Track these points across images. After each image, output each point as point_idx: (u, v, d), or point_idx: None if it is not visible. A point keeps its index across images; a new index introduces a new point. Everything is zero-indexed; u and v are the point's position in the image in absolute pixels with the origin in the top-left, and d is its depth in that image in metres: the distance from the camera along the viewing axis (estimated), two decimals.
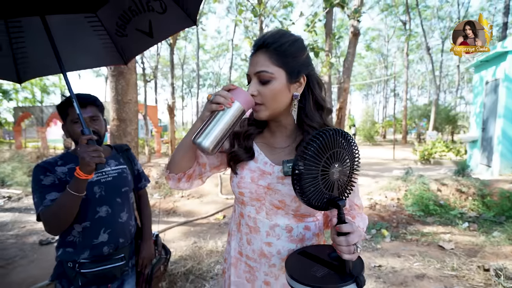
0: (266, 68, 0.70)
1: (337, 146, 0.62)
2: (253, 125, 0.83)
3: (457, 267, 2.54)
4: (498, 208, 4.09)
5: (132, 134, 2.06)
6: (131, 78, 2.05)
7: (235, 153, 0.81)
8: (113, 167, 1.23)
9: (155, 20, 1.18)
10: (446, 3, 21.69)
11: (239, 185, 0.80)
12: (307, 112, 0.75)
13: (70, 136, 1.17)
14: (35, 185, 1.07)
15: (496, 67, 5.68)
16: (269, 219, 0.79)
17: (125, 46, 1.33)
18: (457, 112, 18.27)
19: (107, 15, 1.22)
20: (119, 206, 1.20)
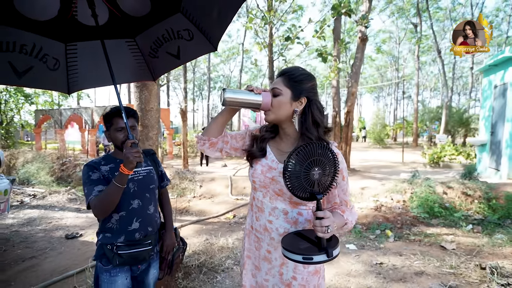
0: (278, 86, 1.01)
1: (316, 155, 0.86)
2: (267, 131, 1.11)
3: (455, 265, 2.66)
4: (504, 211, 4.14)
5: (153, 138, 2.31)
6: (153, 89, 2.31)
7: (252, 151, 1.09)
8: (143, 168, 1.47)
9: (183, 46, 1.44)
10: (458, 4, 21.33)
11: (253, 175, 1.07)
12: (307, 126, 1.01)
13: (112, 141, 1.41)
14: (86, 179, 1.32)
15: (504, 71, 5.70)
16: (271, 203, 1.03)
17: (155, 65, 1.59)
18: (471, 114, 17.90)
19: (144, 40, 1.48)
20: (147, 200, 1.44)
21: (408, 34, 23.73)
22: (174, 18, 1.39)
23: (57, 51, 1.40)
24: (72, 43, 1.42)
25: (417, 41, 16.56)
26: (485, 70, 6.63)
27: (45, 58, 1.36)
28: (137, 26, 1.46)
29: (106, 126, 1.41)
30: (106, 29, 1.40)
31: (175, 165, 10.33)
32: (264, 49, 8.08)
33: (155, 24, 1.44)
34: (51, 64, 1.39)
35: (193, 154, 14.45)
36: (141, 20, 1.42)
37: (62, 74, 1.46)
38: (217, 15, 1.33)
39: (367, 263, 2.83)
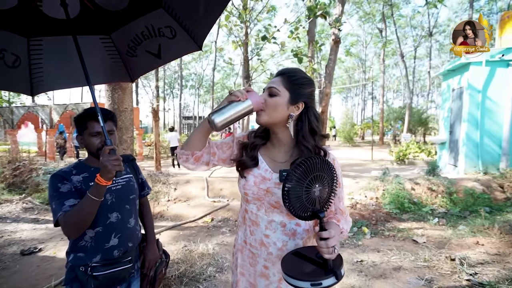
0: (276, 86, 0.92)
1: (317, 171, 0.79)
2: (258, 137, 1.01)
3: (428, 258, 2.83)
4: (463, 204, 4.53)
5: (128, 141, 2.12)
6: (128, 87, 2.12)
7: (243, 161, 0.99)
8: (122, 176, 1.32)
9: (165, 44, 1.31)
10: (418, 13, 23.03)
11: (245, 187, 0.98)
12: (303, 134, 0.93)
13: (86, 147, 1.25)
14: (54, 192, 1.14)
15: (461, 76, 6.24)
16: (267, 216, 0.96)
17: (133, 65, 1.44)
18: (429, 115, 19.47)
19: (121, 37, 1.33)
20: (127, 213, 1.29)
21: (374, 38, 25.11)
22: (154, 14, 1.26)
23: (17, 46, 1.21)
24: (36, 38, 1.23)
25: (383, 45, 17.57)
26: (444, 75, 7.20)
27: (2, 54, 1.17)
28: (113, 21, 1.30)
29: (79, 130, 1.25)
30: (77, 24, 1.22)
31: (147, 167, 9.84)
32: (240, 47, 7.99)
33: (133, 20, 1.29)
34: (9, 61, 1.20)
35: (165, 155, 13.90)
36: (118, 15, 1.27)
37: (23, 73, 1.26)
38: (202, 12, 1.22)
39: (348, 261, 2.89)
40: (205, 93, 36.35)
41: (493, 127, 5.70)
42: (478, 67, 5.65)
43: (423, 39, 24.41)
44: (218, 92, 33.78)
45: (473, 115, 5.80)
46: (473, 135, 5.83)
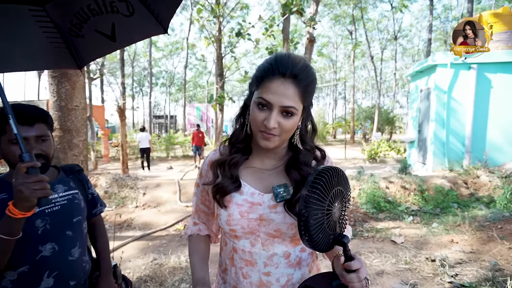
0: (294, 104, 0.68)
1: (336, 184, 0.64)
2: (238, 151, 0.79)
3: (409, 260, 2.79)
4: (434, 201, 4.69)
5: (80, 146, 1.76)
6: (78, 80, 1.75)
7: (220, 185, 0.76)
8: (62, 193, 1.01)
9: (120, 23, 1.02)
10: (384, 17, 24.23)
11: (229, 223, 0.76)
12: (303, 137, 0.77)
13: (4, 158, 0.93)
14: None
15: (428, 78, 6.51)
16: (266, 250, 0.76)
17: (80, 48, 1.12)
18: (395, 114, 20.58)
19: (59, 11, 1.01)
20: (69, 241, 1.00)
21: (344, 40, 25.97)
22: None
23: None
24: None
25: (353, 46, 18.17)
26: (413, 76, 7.51)
27: None
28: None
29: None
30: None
31: (112, 169, 9.10)
32: (213, 44, 7.66)
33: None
34: None
35: (134, 156, 13.06)
36: None
37: None
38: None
39: (330, 267, 2.77)
40: (177, 92, 35.10)
41: (457, 126, 6.01)
42: (444, 69, 5.92)
43: (389, 42, 25.77)
44: (190, 90, 32.83)
45: (440, 115, 6.07)
46: (440, 134, 6.11)
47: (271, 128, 0.68)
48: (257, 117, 0.69)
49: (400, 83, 33.76)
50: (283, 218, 0.73)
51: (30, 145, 0.92)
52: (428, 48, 16.87)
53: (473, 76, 5.77)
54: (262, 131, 0.70)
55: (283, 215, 0.73)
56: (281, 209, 0.73)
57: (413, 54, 32.38)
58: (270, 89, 0.68)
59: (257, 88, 0.71)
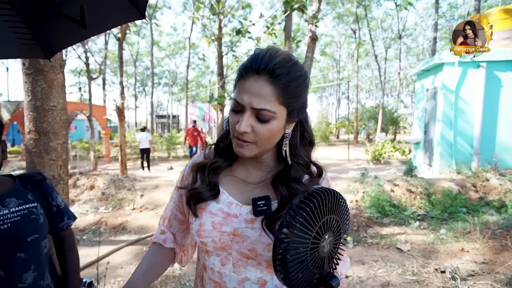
0: (270, 106, 0.57)
1: (330, 212, 0.52)
2: (222, 156, 0.70)
3: (416, 271, 2.62)
4: (442, 206, 4.48)
5: (59, 150, 1.61)
6: (56, 78, 1.61)
7: (196, 190, 0.67)
8: (14, 208, 0.87)
9: (90, 6, 0.88)
10: (388, 16, 23.92)
11: (199, 234, 0.65)
12: (295, 149, 0.67)
13: None
14: None
15: (434, 77, 6.30)
16: (237, 273, 0.65)
17: (47, 34, 0.99)
18: (399, 114, 20.27)
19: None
20: (20, 265, 0.86)
21: (347, 39, 25.68)
22: None
23: None
24: None
25: (357, 45, 17.92)
26: (418, 75, 7.29)
27: None
28: None
29: None
30: None
31: (113, 169, 9.01)
32: (213, 43, 7.51)
33: None
34: None
35: (135, 155, 12.97)
36: None
37: None
38: None
39: None
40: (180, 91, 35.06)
41: (465, 126, 5.79)
42: (451, 67, 5.71)
43: (393, 41, 25.42)
44: (193, 90, 32.77)
45: (447, 115, 5.86)
46: (447, 135, 5.89)
47: (241, 132, 0.58)
48: (232, 122, 0.62)
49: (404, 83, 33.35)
50: (259, 236, 0.62)
51: None
52: (433, 47, 16.57)
53: (482, 75, 5.55)
54: (236, 137, 0.61)
55: (260, 232, 0.62)
56: (259, 225, 0.62)
57: (418, 53, 31.97)
58: (243, 87, 0.58)
59: (234, 89, 0.63)
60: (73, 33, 1.01)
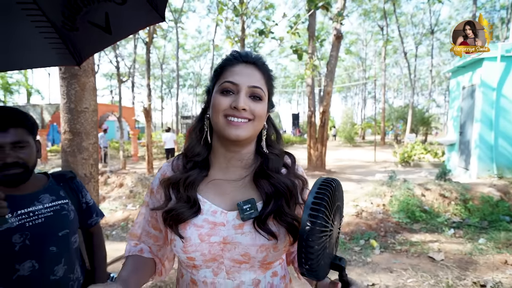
0: (261, 85, 0.65)
1: (337, 200, 0.57)
2: (194, 167, 0.67)
3: (452, 283, 2.42)
4: (480, 213, 4.12)
5: (90, 149, 1.71)
6: (88, 81, 1.71)
7: (175, 211, 0.62)
8: (48, 203, 0.92)
9: (113, 12, 0.92)
10: (419, 10, 22.69)
11: (185, 250, 0.62)
12: (269, 140, 0.72)
13: None
14: None
15: (472, 73, 5.84)
16: (232, 279, 0.65)
17: (76, 42, 1.04)
18: (431, 114, 19.11)
19: (49, 3, 0.92)
20: (52, 258, 0.90)
21: (374, 36, 24.72)
22: None
23: None
24: None
25: (384, 42, 17.19)
26: (453, 72, 6.80)
27: None
28: None
29: None
30: None
31: (140, 168, 9.42)
32: (236, 44, 7.58)
33: None
34: None
35: (161, 155, 13.47)
36: None
37: None
38: None
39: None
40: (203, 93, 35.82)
41: (508, 127, 5.30)
42: (493, 62, 5.24)
43: (424, 37, 24.02)
44: None
45: (487, 115, 5.39)
46: (486, 136, 5.43)
47: (241, 108, 0.60)
48: (223, 102, 0.62)
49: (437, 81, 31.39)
50: (251, 240, 0.63)
51: (4, 153, 0.82)
52: None
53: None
54: (230, 119, 0.61)
55: (251, 236, 0.62)
56: (249, 229, 0.63)
57: None
58: (233, 71, 0.63)
59: (218, 79, 0.66)
60: (99, 40, 1.06)
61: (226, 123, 0.62)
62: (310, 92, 8.21)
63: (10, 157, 0.82)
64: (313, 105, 8.03)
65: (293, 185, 0.67)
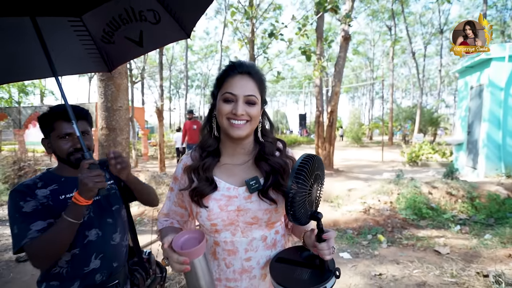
0: (254, 93, 0.82)
1: (316, 170, 0.75)
2: (208, 155, 0.87)
3: (456, 273, 2.54)
4: (487, 211, 4.19)
5: (123, 144, 1.90)
6: (122, 83, 1.91)
7: (199, 188, 0.83)
8: None
9: (147, 30, 1.13)
10: (428, 10, 22.48)
11: (210, 218, 0.83)
12: (264, 130, 0.90)
13: (54, 153, 1.05)
14: (15, 213, 0.93)
15: (480, 73, 5.88)
16: (246, 236, 0.85)
17: (111, 53, 1.24)
18: (440, 114, 18.92)
19: (94, 21, 1.13)
20: (110, 227, 1.10)
21: (382, 36, 24.57)
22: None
23: None
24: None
25: (392, 42, 17.14)
26: (461, 72, 6.84)
27: None
28: (85, 1, 1.10)
29: (44, 132, 1.05)
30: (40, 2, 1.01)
31: (151, 167, 9.69)
32: (246, 45, 7.77)
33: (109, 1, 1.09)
34: None
35: (170, 155, 13.77)
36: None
37: None
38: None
39: (366, 275, 2.63)
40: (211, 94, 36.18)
41: None
42: (501, 63, 5.29)
43: (433, 37, 23.77)
44: None
45: (495, 114, 5.44)
46: (494, 136, 5.47)
47: (239, 114, 0.78)
48: (225, 109, 0.80)
49: (446, 81, 30.93)
50: (258, 206, 0.83)
51: (74, 140, 1.02)
52: None
53: None
54: (232, 122, 0.80)
55: (257, 203, 0.83)
56: (256, 198, 0.83)
57: None
58: (232, 83, 0.80)
59: (220, 88, 0.83)
60: (131, 51, 1.27)
61: (229, 124, 0.80)
62: (318, 93, 8.33)
63: (79, 144, 1.00)
64: (321, 105, 8.15)
65: (285, 163, 0.87)
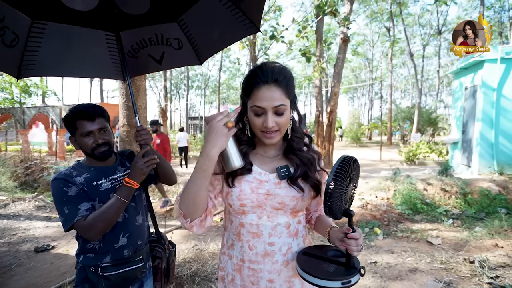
0: (282, 102, 0.83)
1: (353, 170, 0.81)
2: (245, 145, 0.92)
3: (445, 260, 2.74)
4: (478, 205, 4.40)
5: None
6: (142, 84, 2.11)
7: None
8: (123, 172, 1.28)
9: (169, 53, 1.36)
10: (426, 11, 22.69)
11: (240, 197, 0.87)
12: (294, 126, 0.92)
13: (81, 149, 1.20)
14: (62, 197, 1.10)
15: (474, 74, 6.09)
16: (271, 221, 0.89)
17: (131, 65, 1.43)
18: (438, 114, 19.14)
19: (127, 38, 1.35)
20: (133, 210, 1.27)
21: (381, 37, 24.80)
22: (168, 25, 1.31)
23: (20, 26, 1.18)
24: (41, 22, 1.21)
25: (391, 43, 17.35)
26: (456, 73, 7.05)
27: (3, 31, 1.13)
28: (126, 22, 1.31)
29: (70, 131, 1.20)
30: (89, 16, 1.23)
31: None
32: (247, 47, 7.97)
33: (145, 26, 1.32)
34: (8, 39, 1.16)
35: (173, 154, 13.95)
36: (133, 18, 1.28)
37: (16, 54, 1.24)
38: (215, 38, 1.30)
39: (362, 262, 2.83)
40: (211, 94, 36.46)
41: (508, 126, 5.54)
42: (493, 64, 5.50)
43: (432, 38, 24.01)
44: (224, 92, 33.87)
45: (488, 114, 5.65)
46: (487, 135, 5.68)
47: (270, 127, 0.82)
48: (257, 123, 0.85)
49: (445, 81, 31.18)
50: (286, 192, 0.88)
51: (95, 136, 1.17)
52: None
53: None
54: (264, 132, 0.85)
55: (286, 190, 0.88)
56: (285, 185, 0.88)
57: None
58: (259, 96, 0.82)
59: (249, 98, 0.85)
60: (149, 66, 1.48)
61: (262, 135, 0.86)
62: (318, 93, 8.54)
63: (99, 139, 1.17)
64: (320, 105, 8.36)
65: (313, 158, 0.93)
